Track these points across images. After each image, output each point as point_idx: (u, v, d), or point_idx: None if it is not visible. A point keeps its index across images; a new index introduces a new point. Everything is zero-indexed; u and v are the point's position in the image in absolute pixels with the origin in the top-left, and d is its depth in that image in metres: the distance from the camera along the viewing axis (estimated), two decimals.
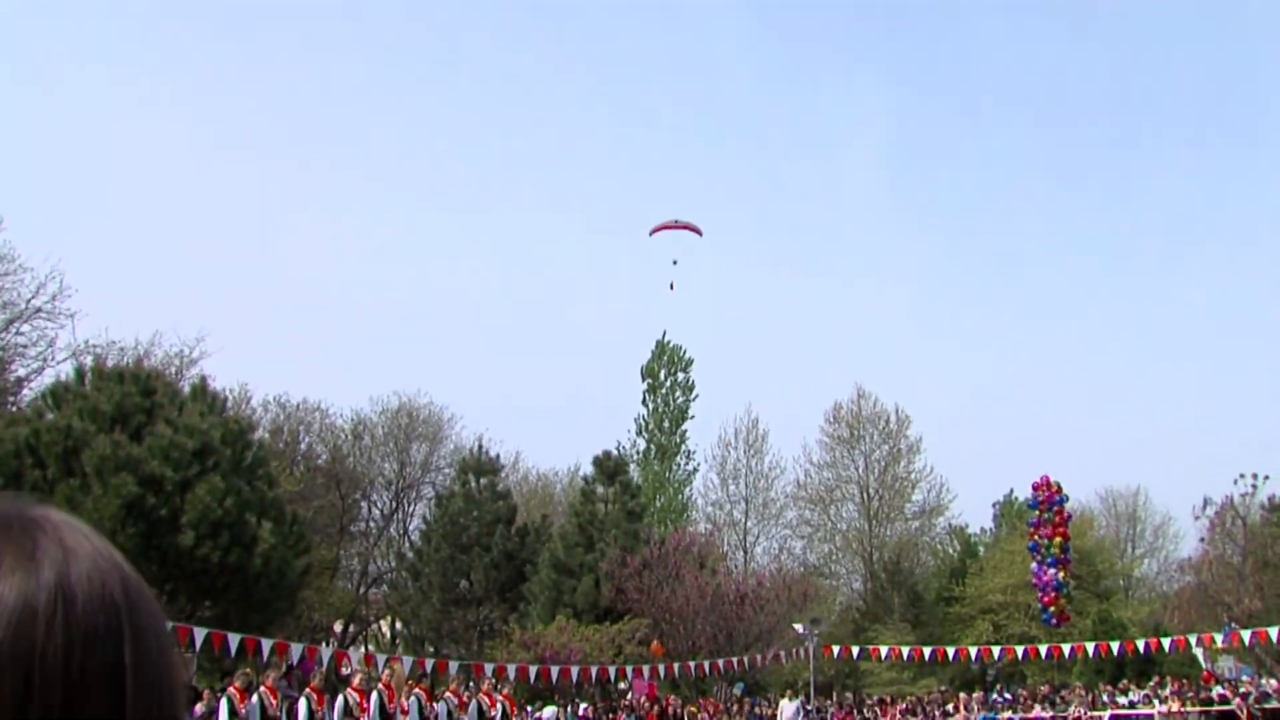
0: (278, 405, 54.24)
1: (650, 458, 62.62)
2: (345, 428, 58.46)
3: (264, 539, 27.17)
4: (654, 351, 63.86)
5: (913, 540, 65.77)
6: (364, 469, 58.72)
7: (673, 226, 37.77)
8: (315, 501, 50.10)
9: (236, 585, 27.45)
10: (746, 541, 64.73)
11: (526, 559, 46.41)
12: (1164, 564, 68.72)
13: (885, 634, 53.62)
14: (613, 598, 41.39)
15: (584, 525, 45.30)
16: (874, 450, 65.15)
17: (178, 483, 26.31)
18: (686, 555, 42.63)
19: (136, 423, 27.30)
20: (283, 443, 53.02)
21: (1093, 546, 61.31)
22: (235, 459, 28.38)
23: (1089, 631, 47.73)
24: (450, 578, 47.12)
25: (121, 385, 28.00)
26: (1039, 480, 47.62)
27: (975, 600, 56.90)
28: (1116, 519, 71.39)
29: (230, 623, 27.28)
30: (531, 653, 36.69)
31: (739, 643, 41.84)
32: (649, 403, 63.48)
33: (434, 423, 60.69)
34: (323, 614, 51.02)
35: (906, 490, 65.08)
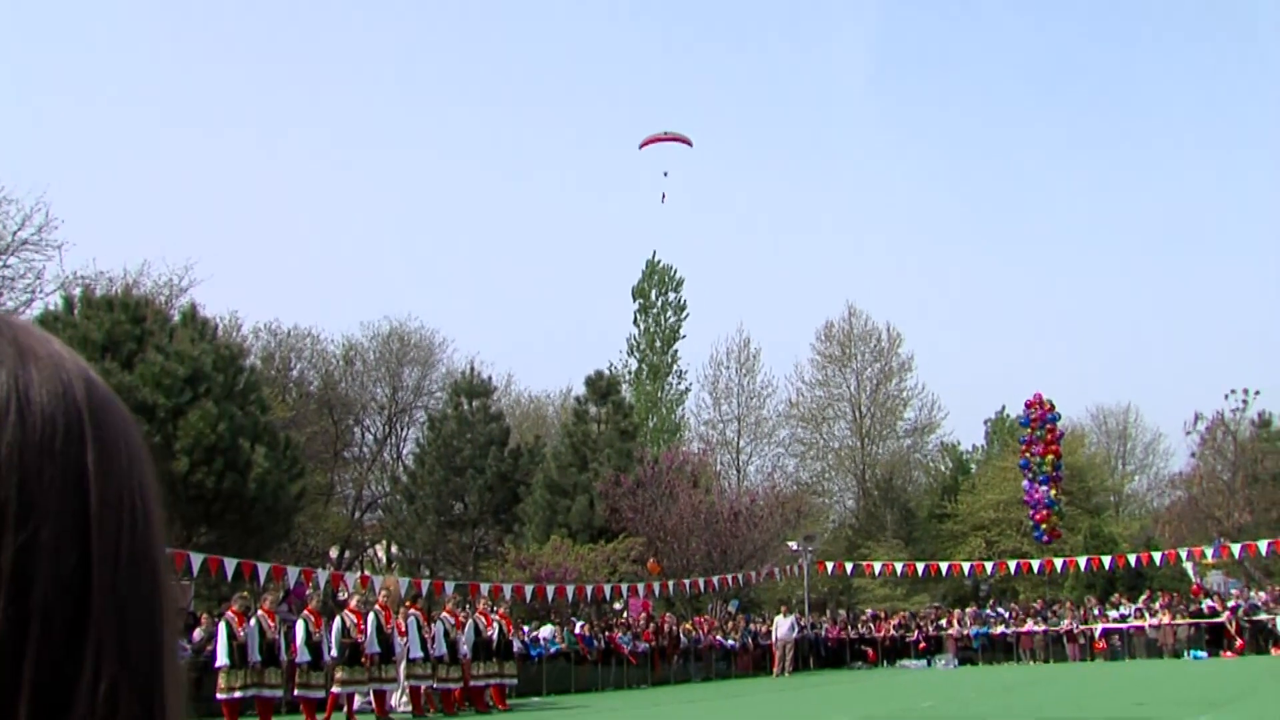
0: (269, 332, 54.11)
1: (642, 378, 62.80)
2: (336, 353, 58.39)
3: (258, 464, 27.21)
4: (644, 271, 63.92)
5: (905, 458, 66.18)
6: (356, 394, 58.69)
7: (662, 139, 37.45)
8: (308, 428, 50.04)
9: (232, 510, 27.51)
10: (740, 460, 65.04)
11: (520, 480, 46.57)
12: (1154, 480, 69.22)
13: (878, 551, 53.98)
14: (607, 517, 41.64)
15: (577, 445, 45.46)
16: (865, 368, 65.42)
17: (170, 409, 26.30)
18: (680, 474, 42.81)
19: (127, 351, 27.26)
20: (274, 370, 52.91)
21: (1084, 463, 61.59)
22: (227, 385, 28.35)
23: (1080, 547, 48.05)
24: (444, 500, 47.30)
25: (111, 314, 27.91)
26: (1031, 398, 47.86)
27: (967, 517, 57.26)
28: (1108, 436, 71.74)
29: (227, 548, 27.37)
30: (527, 572, 36.92)
31: (733, 560, 42.13)
32: (640, 323, 63.64)
33: (425, 346, 60.66)
34: (318, 540, 51.16)
35: (898, 408, 65.44)
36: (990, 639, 41.55)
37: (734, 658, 38.37)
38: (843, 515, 66.31)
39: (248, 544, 28.30)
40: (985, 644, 41.52)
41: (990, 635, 41.59)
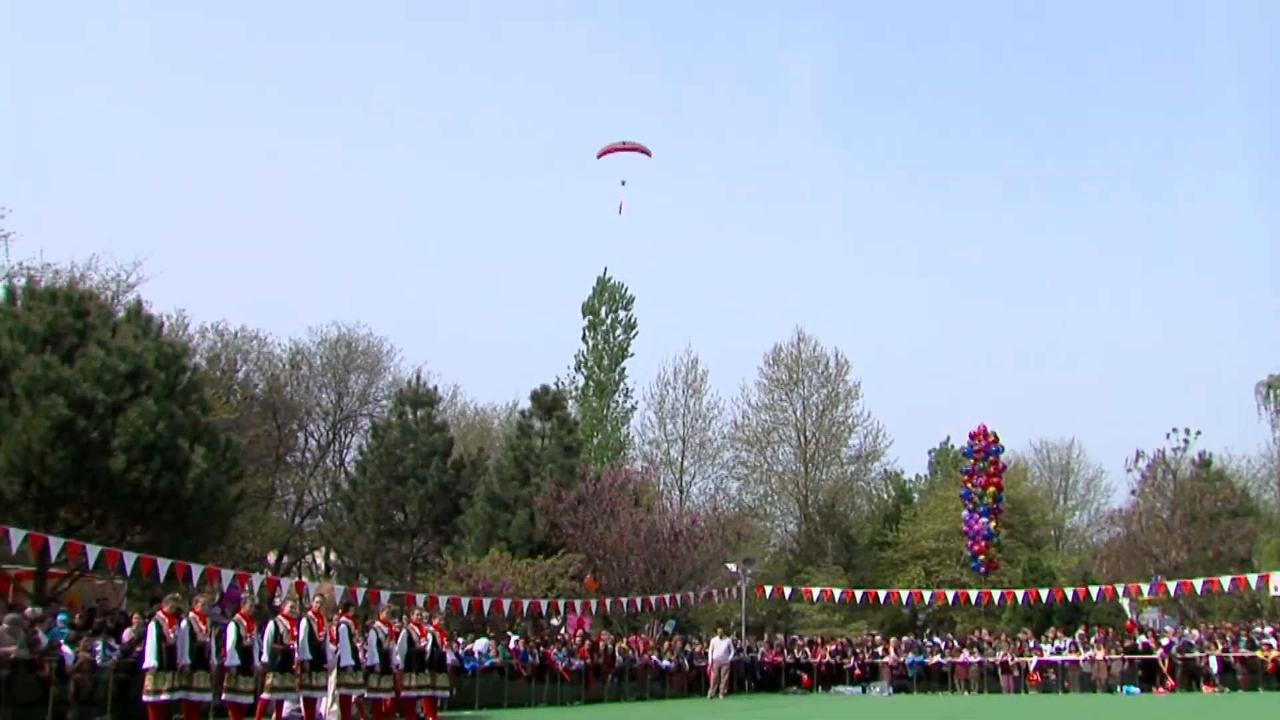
0: (215, 333, 53.69)
1: (589, 394, 62.75)
2: (283, 357, 58.04)
3: (196, 464, 26.89)
4: (595, 288, 63.86)
5: (848, 484, 66.30)
6: (301, 399, 58.34)
7: (621, 149, 37.14)
8: (251, 431, 49.66)
9: (168, 511, 27.15)
10: (683, 481, 65.01)
11: (462, 492, 46.38)
12: (1095, 516, 69.85)
13: (818, 576, 54.03)
14: (547, 532, 41.49)
15: (520, 459, 45.30)
16: (812, 394, 65.45)
17: (109, 405, 25.93)
18: (622, 492, 42.70)
19: (69, 344, 26.88)
20: (219, 371, 52.51)
21: (1026, 497, 62.09)
22: (169, 383, 28.01)
23: (1019, 580, 48.28)
24: (385, 509, 47.03)
25: (54, 306, 27.51)
26: (976, 429, 47.93)
27: (908, 546, 57.45)
28: (1050, 470, 72.40)
29: (161, 549, 27.05)
30: (464, 585, 36.73)
31: (672, 580, 42.06)
32: (589, 339, 63.58)
33: (373, 354, 60.43)
34: (257, 544, 50.76)
35: (843, 434, 65.51)
36: (926, 668, 41.56)
37: (669, 678, 38.26)
38: (784, 539, 66.33)
39: (183, 545, 27.98)
40: (920, 673, 41.52)
41: (926, 664, 41.63)
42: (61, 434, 24.97)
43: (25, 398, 25.12)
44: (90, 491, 26.58)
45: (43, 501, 26.03)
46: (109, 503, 26.97)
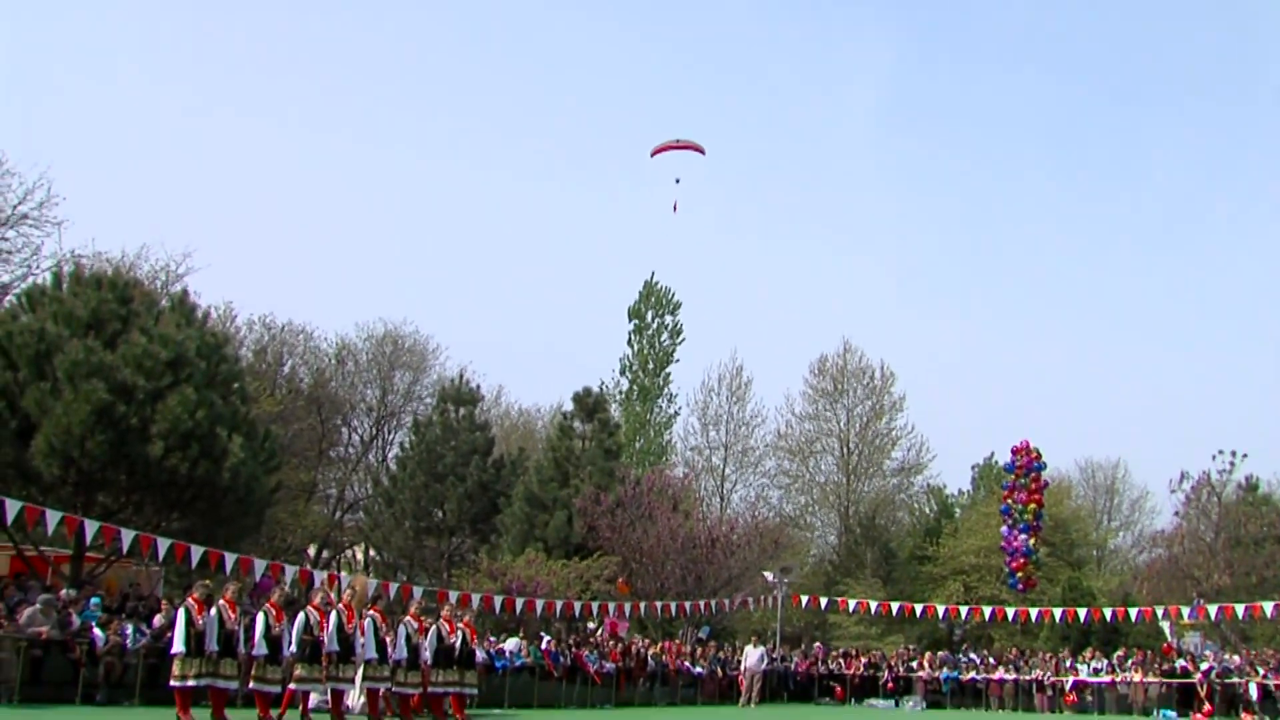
0: (262, 325, 53.99)
1: (632, 399, 62.64)
2: (329, 352, 58.31)
3: (234, 454, 26.95)
4: (642, 292, 63.75)
5: (889, 497, 65.91)
6: (346, 394, 58.56)
7: (674, 147, 36.87)
8: (295, 424, 49.94)
9: (204, 499, 27.25)
10: (724, 488, 64.72)
11: (501, 491, 46.36)
12: (1138, 537, 69.02)
13: (856, 588, 53.71)
14: (584, 534, 41.40)
15: (560, 460, 45.21)
16: (857, 405, 65.13)
17: (149, 392, 26.04)
18: (661, 496, 42.59)
19: (111, 330, 27.02)
20: (265, 364, 52.80)
21: (1069, 515, 61.47)
22: (210, 372, 28.12)
23: (1058, 599, 47.83)
24: (424, 506, 47.10)
25: (99, 292, 27.68)
26: (1019, 444, 47.50)
27: (948, 561, 57.00)
28: (1094, 490, 71.73)
29: (196, 536, 27.18)
30: (498, 583, 36.71)
31: (708, 586, 41.93)
32: (634, 343, 63.45)
33: (418, 352, 60.58)
34: (297, 537, 51.01)
35: (887, 447, 65.11)
36: (960, 684, 41.31)
37: (700, 684, 38.13)
38: (823, 550, 66.07)
39: (218, 533, 28.09)
40: (954, 688, 41.28)
41: (960, 680, 41.35)
42: (101, 419, 25.10)
43: (67, 382, 25.27)
44: (128, 477, 26.73)
45: (81, 485, 26.19)
46: (146, 489, 27.10)
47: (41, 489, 26.00)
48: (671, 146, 36.97)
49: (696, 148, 37.11)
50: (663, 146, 37.07)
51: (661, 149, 37.02)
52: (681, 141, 37.04)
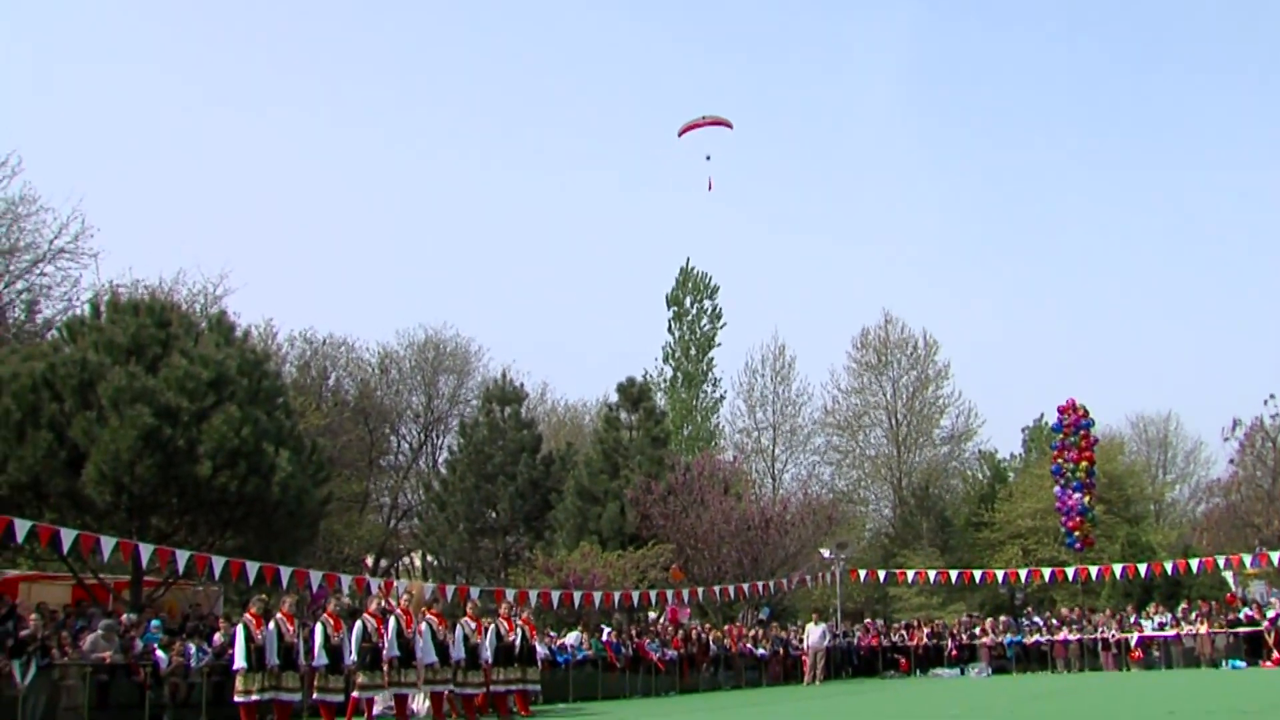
0: (304, 340, 54.34)
1: (677, 386, 62.70)
2: (372, 362, 58.66)
3: (281, 468, 27.04)
4: (679, 279, 63.79)
5: (941, 466, 65.63)
6: (392, 403, 58.89)
7: (701, 124, 36.46)
8: (344, 436, 50.22)
9: (256, 515, 27.37)
10: (775, 469, 64.73)
11: (552, 487, 46.51)
12: (1195, 489, 68.65)
13: (914, 559, 53.55)
14: (638, 524, 41.47)
15: (608, 452, 45.29)
16: (902, 376, 64.92)
17: (194, 413, 26.18)
18: (711, 481, 42.58)
19: (152, 354, 27.16)
20: (310, 378, 53.11)
21: (1123, 471, 61.04)
22: (252, 389, 28.23)
23: (1118, 556, 47.52)
24: (476, 507, 47.28)
25: (137, 318, 27.87)
26: (1064, 403, 47.17)
27: (1004, 526, 56.73)
28: (1147, 444, 71.42)
29: (251, 552, 27.34)
30: (554, 579, 36.81)
31: (765, 567, 41.91)
32: (675, 331, 63.51)
33: (461, 355, 60.87)
34: (353, 548, 51.29)
35: (935, 416, 64.91)
36: (1024, 648, 41.04)
37: (764, 666, 38.12)
38: (879, 524, 65.97)
39: (272, 548, 28.20)
40: (1019, 653, 41.04)
41: (1024, 644, 41.12)
42: (148, 442, 25.25)
43: (112, 408, 25.45)
44: (179, 498, 26.89)
45: (134, 510, 26.35)
46: (198, 509, 27.27)
47: (95, 516, 26.19)
48: (698, 124, 36.56)
49: (724, 122, 36.71)
50: (689, 125, 36.69)
51: (688, 128, 36.65)
52: (708, 118, 36.62)
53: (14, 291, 40.24)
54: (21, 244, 39.74)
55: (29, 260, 40.00)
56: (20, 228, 39.59)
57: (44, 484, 25.40)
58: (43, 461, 25.05)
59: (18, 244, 39.64)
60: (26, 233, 39.72)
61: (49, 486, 25.47)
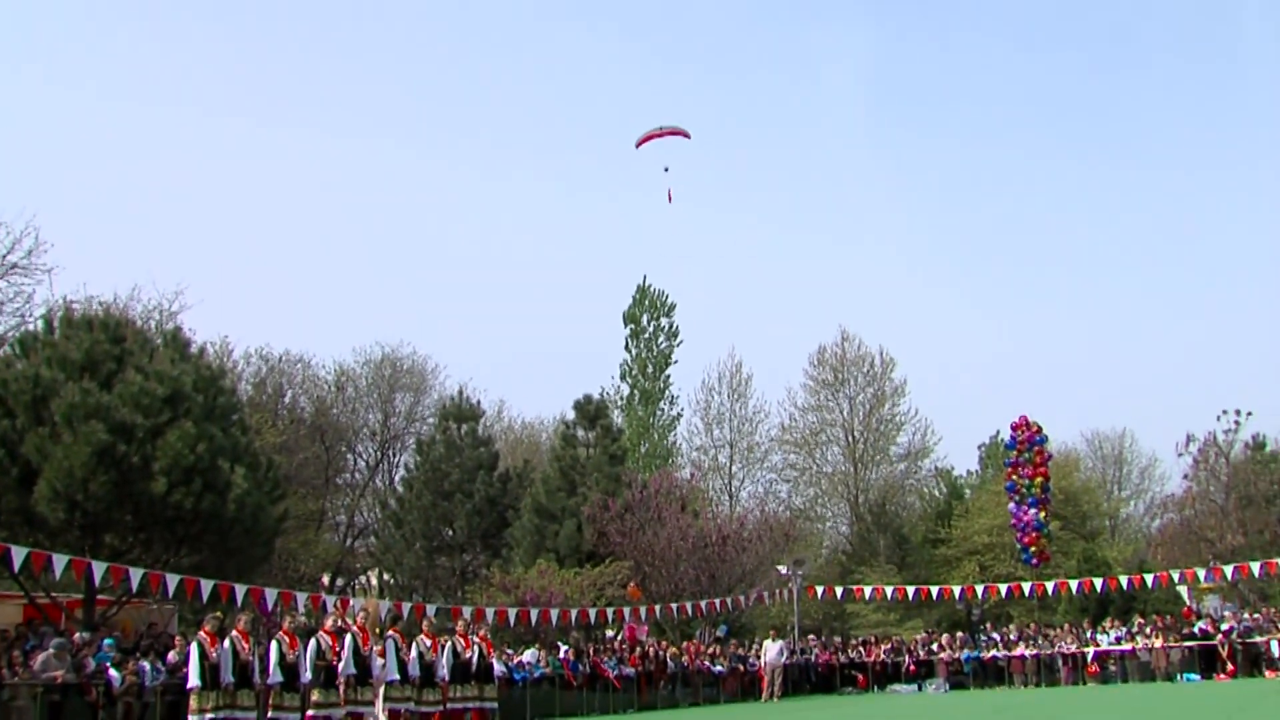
0: (260, 358, 54.04)
1: (634, 403, 62.60)
2: (328, 379, 58.34)
3: (237, 485, 26.91)
4: (635, 296, 63.72)
5: (898, 483, 65.78)
6: (348, 420, 58.60)
7: (659, 135, 36.02)
8: (300, 454, 49.96)
9: (211, 532, 27.22)
10: (732, 486, 64.86)
11: (509, 505, 46.40)
12: (1150, 504, 69.08)
13: (871, 576, 53.60)
14: (595, 542, 41.37)
15: (565, 470, 45.20)
16: (858, 393, 65.03)
17: (149, 429, 26.02)
18: (669, 498, 42.53)
19: (106, 370, 26.99)
20: (265, 395, 52.81)
21: (1078, 488, 61.41)
22: (208, 405, 28.09)
23: (1074, 571, 47.78)
24: (433, 525, 47.11)
25: (91, 334, 27.68)
26: (1018, 420, 47.37)
27: (961, 542, 56.95)
28: (1103, 461, 71.93)
29: (206, 570, 27.17)
30: (512, 596, 36.68)
31: (722, 584, 41.88)
32: (632, 348, 63.44)
33: (418, 373, 60.69)
34: (309, 566, 50.99)
35: (891, 433, 65.04)
36: (982, 663, 41.19)
37: (722, 683, 38.06)
38: (836, 541, 66.10)
39: (227, 565, 28.04)
40: (977, 668, 41.15)
41: (982, 659, 41.25)
42: (103, 459, 25.07)
43: (65, 425, 25.25)
44: (133, 515, 26.71)
45: (87, 527, 26.16)
46: (152, 526, 27.07)
47: (48, 534, 25.98)
48: (655, 135, 36.19)
49: (681, 132, 36.36)
50: (647, 136, 36.30)
51: (646, 138, 36.29)
52: (665, 128, 36.27)
53: None
54: None
55: None
56: None
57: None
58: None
59: None
60: None
61: (0, 504, 25.22)
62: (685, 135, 36.76)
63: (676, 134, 36.53)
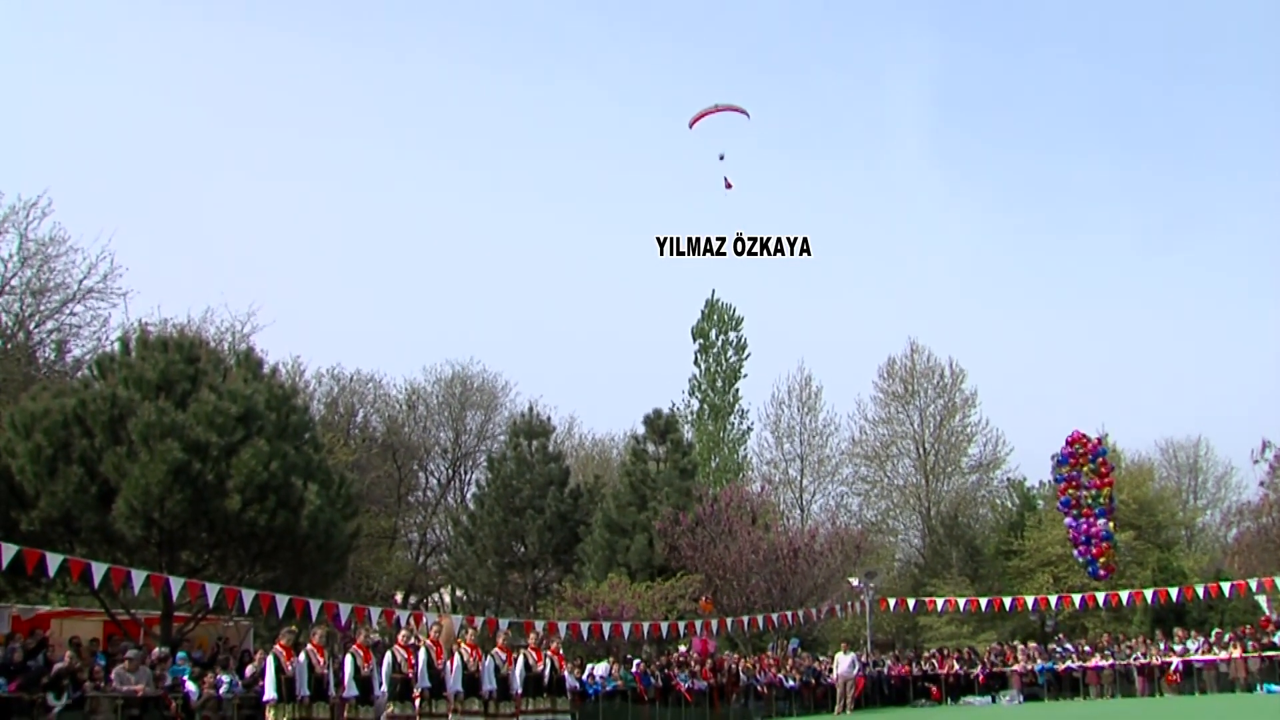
0: (331, 377, 54.67)
1: (704, 418, 62.65)
2: (399, 398, 58.86)
3: (310, 501, 27.19)
4: (704, 311, 63.84)
5: (970, 494, 65.35)
6: (420, 439, 59.03)
7: (713, 112, 34.18)
8: (372, 472, 50.38)
9: (285, 548, 27.51)
10: (803, 499, 64.77)
11: (580, 520, 46.53)
12: (1226, 513, 68.25)
13: (944, 588, 53.27)
14: (666, 555, 41.40)
15: (636, 484, 45.29)
16: (929, 405, 64.77)
17: (223, 448, 26.39)
18: (739, 511, 42.50)
19: (181, 390, 27.41)
20: (338, 415, 53.33)
21: (1152, 497, 60.72)
22: (280, 423, 28.43)
23: (1149, 581, 47.31)
24: (505, 541, 47.32)
25: (166, 354, 28.13)
26: (1072, 435, 46.86)
27: (1034, 553, 56.38)
28: (1178, 470, 71.17)
29: (280, 586, 27.48)
30: (583, 610, 36.78)
31: (793, 597, 41.79)
32: (701, 363, 63.51)
33: (488, 390, 61.01)
34: (383, 584, 51.40)
35: (962, 444, 64.66)
36: (1056, 675, 40.91)
37: (794, 696, 37.99)
38: (908, 553, 65.77)
39: (301, 581, 28.35)
40: (1051, 680, 40.89)
41: (1056, 671, 40.95)
42: (178, 477, 25.44)
43: (142, 444, 25.65)
44: (209, 533, 27.08)
45: (164, 544, 26.55)
46: (228, 543, 27.43)
47: (126, 551, 26.38)
48: (709, 113, 34.51)
49: (738, 110, 34.79)
50: (700, 115, 34.64)
51: (699, 118, 34.66)
52: (720, 106, 34.61)
53: (44, 331, 40.72)
54: (51, 284, 40.24)
55: (59, 300, 40.49)
56: (50, 268, 40.12)
57: (75, 519, 25.61)
58: (74, 496, 25.27)
59: (48, 284, 40.16)
60: (56, 273, 40.26)
61: (80, 521, 25.67)
62: (743, 113, 35.04)
63: (734, 111, 34.91)
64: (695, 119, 35.03)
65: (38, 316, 40.36)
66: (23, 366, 38.77)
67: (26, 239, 39.45)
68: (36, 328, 40.54)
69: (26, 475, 25.59)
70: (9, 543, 22.75)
